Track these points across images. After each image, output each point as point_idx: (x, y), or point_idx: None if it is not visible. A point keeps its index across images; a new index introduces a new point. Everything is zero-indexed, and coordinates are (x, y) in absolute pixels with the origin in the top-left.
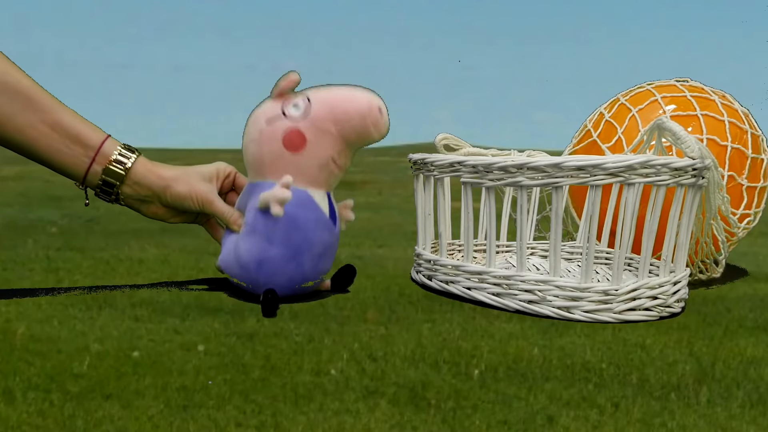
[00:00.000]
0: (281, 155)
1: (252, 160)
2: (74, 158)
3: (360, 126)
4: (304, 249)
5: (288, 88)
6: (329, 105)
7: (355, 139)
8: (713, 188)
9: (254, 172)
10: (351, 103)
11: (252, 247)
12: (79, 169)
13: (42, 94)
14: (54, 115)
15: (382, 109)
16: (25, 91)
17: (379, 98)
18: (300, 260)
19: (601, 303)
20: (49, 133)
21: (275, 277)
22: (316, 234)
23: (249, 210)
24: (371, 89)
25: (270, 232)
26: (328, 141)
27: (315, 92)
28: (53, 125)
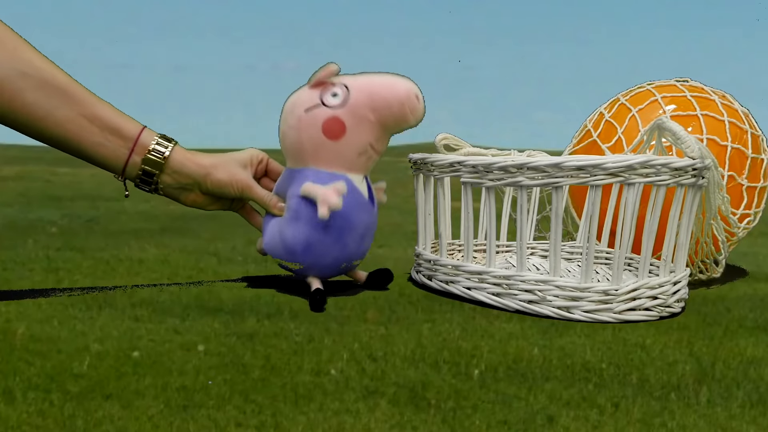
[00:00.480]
0: (321, 143)
1: (291, 147)
2: (114, 150)
3: (399, 112)
4: (347, 231)
5: (326, 77)
6: (368, 92)
7: (393, 125)
8: (713, 188)
9: (293, 159)
10: (389, 90)
11: (297, 232)
12: (118, 160)
13: (78, 88)
14: (91, 109)
15: (419, 95)
16: (62, 86)
17: (415, 85)
18: (344, 242)
19: (601, 303)
20: (88, 126)
21: (321, 258)
22: (358, 216)
23: (291, 197)
24: (406, 76)
25: (314, 218)
26: (367, 128)
27: (352, 80)
28: (92, 118)
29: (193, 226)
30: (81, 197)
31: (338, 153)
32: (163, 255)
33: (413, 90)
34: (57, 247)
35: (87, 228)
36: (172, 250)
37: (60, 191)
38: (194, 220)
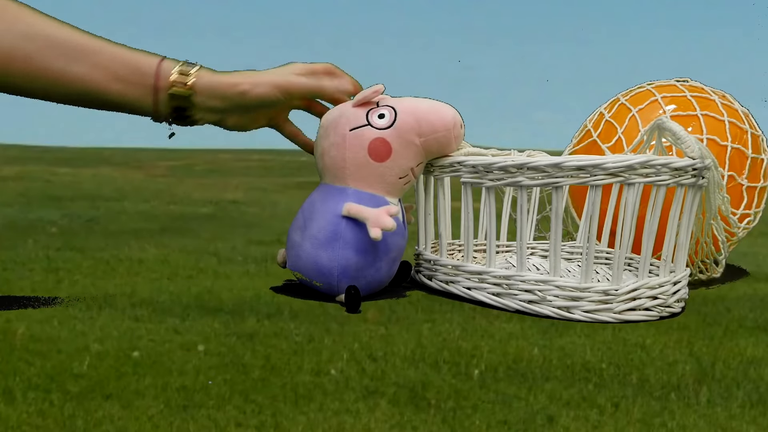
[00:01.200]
0: (365, 163)
1: (332, 164)
2: (138, 92)
3: (444, 139)
4: (383, 254)
5: (373, 97)
6: (416, 116)
7: (436, 151)
8: (713, 188)
9: (331, 176)
10: (437, 116)
11: (334, 255)
12: (146, 102)
13: (86, 39)
14: (104, 56)
15: (462, 124)
16: (70, 41)
17: (458, 113)
18: (378, 265)
19: (601, 303)
20: (106, 75)
21: (355, 281)
22: (393, 239)
23: (328, 214)
24: (449, 104)
25: (354, 240)
26: (412, 151)
27: (399, 102)
28: (107, 66)
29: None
30: (81, 197)
31: (380, 175)
32: (163, 255)
33: (458, 118)
34: (57, 247)
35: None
36: (172, 250)
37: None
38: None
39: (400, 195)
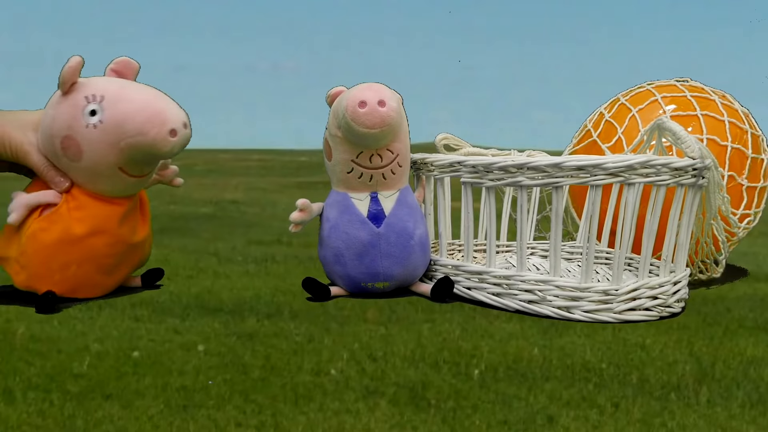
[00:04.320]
0: (326, 163)
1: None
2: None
3: (352, 126)
4: (344, 250)
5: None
6: (333, 111)
7: (352, 138)
8: (713, 188)
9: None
10: (343, 102)
11: (320, 250)
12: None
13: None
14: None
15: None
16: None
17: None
18: (342, 261)
19: (601, 303)
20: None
21: (330, 275)
22: (354, 234)
23: None
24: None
25: (322, 237)
26: (342, 145)
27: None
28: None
29: (193, 226)
30: None
31: (332, 172)
32: (163, 255)
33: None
34: None
35: None
36: (172, 250)
37: None
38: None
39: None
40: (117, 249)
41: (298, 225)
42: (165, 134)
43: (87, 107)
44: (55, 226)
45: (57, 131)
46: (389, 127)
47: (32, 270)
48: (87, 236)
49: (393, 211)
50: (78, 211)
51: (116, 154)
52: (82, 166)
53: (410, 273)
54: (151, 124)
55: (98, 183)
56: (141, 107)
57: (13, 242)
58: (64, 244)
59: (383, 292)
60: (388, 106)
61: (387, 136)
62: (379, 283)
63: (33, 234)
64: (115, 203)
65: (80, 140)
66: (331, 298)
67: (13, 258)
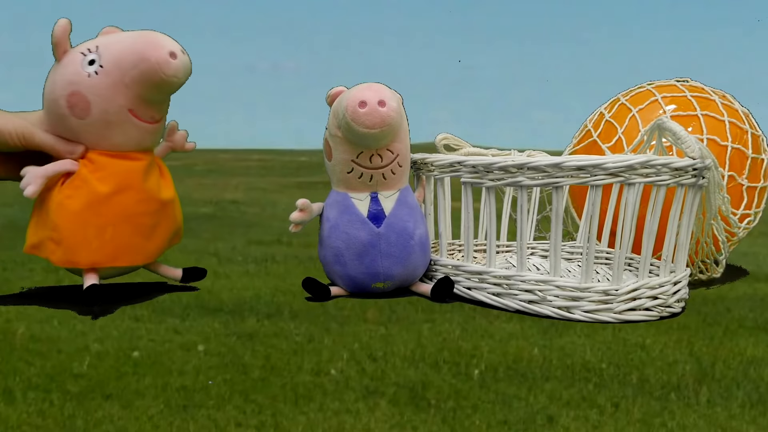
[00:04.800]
0: (326, 163)
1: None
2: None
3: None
4: (343, 250)
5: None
6: (333, 111)
7: (352, 138)
8: (713, 188)
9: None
10: (343, 102)
11: (320, 250)
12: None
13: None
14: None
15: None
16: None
17: None
18: (342, 261)
19: (602, 303)
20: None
21: (330, 275)
22: (354, 234)
23: None
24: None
25: (322, 237)
26: (342, 145)
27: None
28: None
29: (193, 226)
30: None
31: (332, 172)
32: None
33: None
34: None
35: None
36: (171, 249)
37: None
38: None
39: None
40: (149, 206)
41: (298, 225)
42: (165, 56)
43: (85, 59)
44: (81, 191)
45: (60, 91)
46: (389, 127)
47: (68, 242)
48: (114, 193)
49: (393, 211)
50: (99, 171)
51: (124, 94)
52: (93, 119)
53: (410, 273)
54: (150, 49)
55: (112, 135)
56: (134, 40)
57: (41, 225)
58: (93, 205)
59: (383, 292)
60: (388, 106)
61: (387, 136)
62: (379, 283)
63: (60, 204)
64: (132, 158)
65: (85, 91)
66: (331, 298)
67: (46, 237)
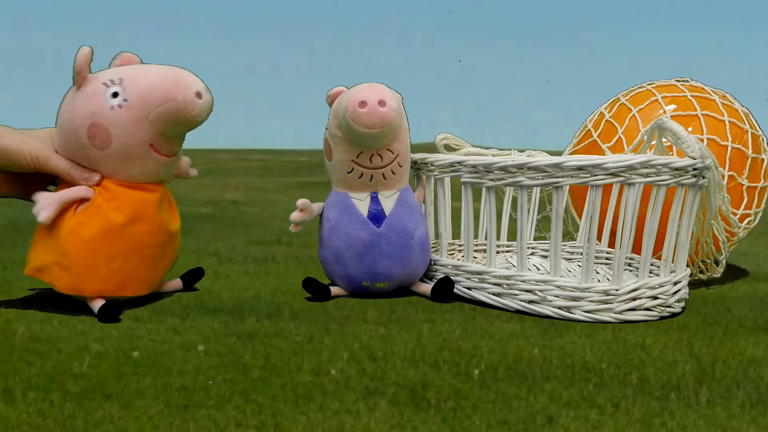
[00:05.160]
0: (326, 163)
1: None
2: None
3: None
4: (343, 250)
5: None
6: (333, 111)
7: (352, 138)
8: (714, 188)
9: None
10: (343, 102)
11: (320, 250)
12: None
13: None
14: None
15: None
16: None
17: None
18: (342, 261)
19: (602, 303)
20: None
21: (330, 275)
22: (354, 234)
23: None
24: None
25: (322, 237)
26: (342, 145)
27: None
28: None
29: (193, 226)
30: None
31: (332, 172)
32: None
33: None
34: None
35: None
36: None
37: None
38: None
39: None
40: (159, 238)
41: (298, 225)
42: (192, 96)
43: (108, 91)
44: (95, 219)
45: (80, 122)
46: (389, 127)
47: (77, 269)
48: (128, 224)
49: (393, 211)
50: (114, 200)
51: (146, 129)
52: (112, 151)
53: (410, 273)
54: (177, 88)
55: (130, 167)
56: (162, 77)
57: (48, 248)
58: (106, 234)
59: (383, 292)
60: (388, 106)
61: (387, 136)
62: (380, 283)
63: (72, 231)
64: (148, 189)
65: (107, 124)
66: (331, 298)
67: (52, 262)
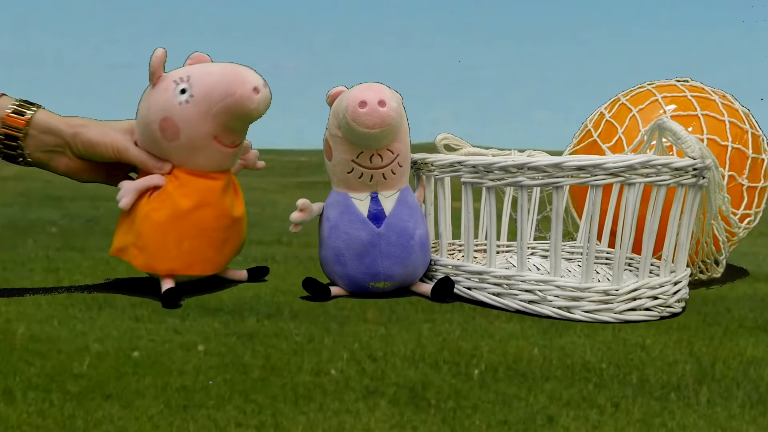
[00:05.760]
0: (326, 163)
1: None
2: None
3: (349, 125)
4: (343, 250)
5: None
6: (333, 111)
7: (352, 138)
8: (714, 188)
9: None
10: (343, 102)
11: (320, 250)
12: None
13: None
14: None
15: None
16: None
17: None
18: (342, 261)
19: (602, 303)
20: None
21: (330, 275)
22: (354, 234)
23: None
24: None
25: (322, 237)
26: (342, 145)
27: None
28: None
29: None
30: (81, 197)
31: (332, 172)
32: None
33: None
34: (57, 247)
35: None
36: None
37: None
38: None
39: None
40: (223, 222)
41: (299, 225)
42: (249, 91)
43: (177, 88)
44: (165, 205)
45: (153, 116)
46: (389, 127)
47: (150, 250)
48: (194, 209)
49: (393, 211)
50: (182, 188)
51: (210, 122)
52: (181, 143)
53: (410, 273)
54: (236, 84)
55: (197, 158)
56: (223, 75)
57: (128, 231)
58: (175, 219)
59: (383, 292)
60: (389, 106)
61: (387, 136)
62: (380, 283)
63: (146, 215)
64: (213, 177)
65: (176, 118)
66: (331, 298)
67: (130, 243)
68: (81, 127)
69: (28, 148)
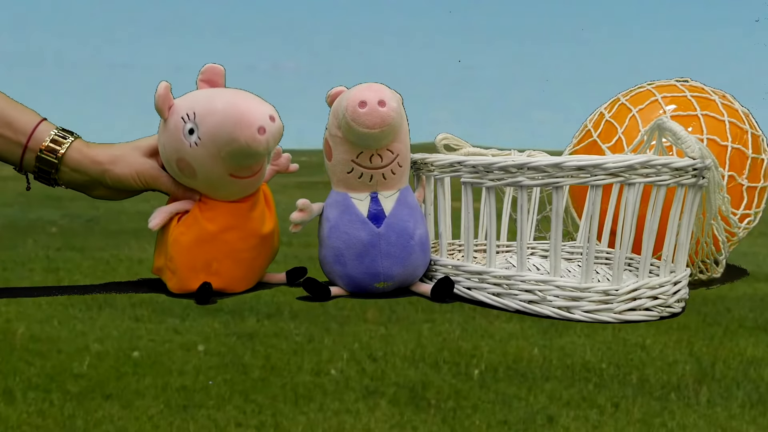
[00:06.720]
0: (326, 163)
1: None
2: (7, 145)
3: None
4: (343, 250)
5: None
6: (333, 112)
7: (352, 138)
8: (714, 188)
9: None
10: (343, 102)
11: (320, 250)
12: (13, 156)
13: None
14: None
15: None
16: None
17: None
18: (342, 261)
19: (602, 303)
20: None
21: (330, 275)
22: (354, 234)
23: None
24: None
25: (322, 237)
26: (342, 145)
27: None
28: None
29: None
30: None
31: (332, 172)
32: None
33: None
34: (57, 247)
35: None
36: None
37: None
38: None
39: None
40: (250, 242)
41: (298, 225)
42: (254, 134)
43: (185, 127)
44: (192, 229)
45: (170, 156)
46: (389, 127)
47: (180, 273)
48: (219, 232)
49: (393, 211)
50: (209, 211)
51: (221, 164)
52: (199, 181)
53: (410, 273)
54: (239, 129)
55: (218, 192)
56: (226, 115)
57: (161, 253)
58: (201, 242)
59: (383, 292)
60: (388, 106)
61: (387, 136)
62: (380, 283)
63: (175, 239)
64: (239, 201)
65: (190, 159)
66: (331, 298)
67: (164, 265)
68: (108, 164)
69: (61, 181)
